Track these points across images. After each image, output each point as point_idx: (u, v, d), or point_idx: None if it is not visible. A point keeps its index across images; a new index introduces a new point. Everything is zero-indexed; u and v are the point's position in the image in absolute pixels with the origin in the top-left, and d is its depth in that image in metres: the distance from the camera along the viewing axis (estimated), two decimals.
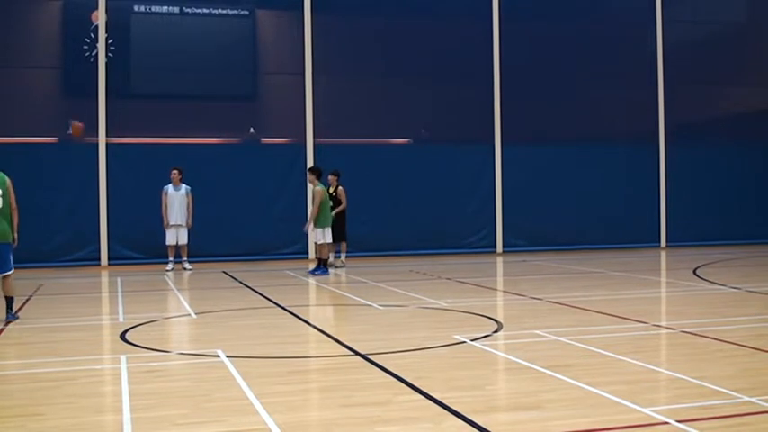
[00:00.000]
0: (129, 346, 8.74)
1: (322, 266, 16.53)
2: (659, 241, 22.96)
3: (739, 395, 6.16)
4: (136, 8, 20.53)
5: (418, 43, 21.58)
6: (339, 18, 21.31)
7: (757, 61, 24.27)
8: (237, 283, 15.49)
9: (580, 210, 21.92)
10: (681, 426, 5.41)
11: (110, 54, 19.78)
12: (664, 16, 23.15)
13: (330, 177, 17.50)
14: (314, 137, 20.66)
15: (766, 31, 24.54)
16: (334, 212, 16.98)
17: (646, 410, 5.77)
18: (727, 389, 6.34)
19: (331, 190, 17.26)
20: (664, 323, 9.95)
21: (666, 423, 5.48)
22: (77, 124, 14.09)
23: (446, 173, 21.39)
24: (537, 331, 9.17)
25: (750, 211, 23.29)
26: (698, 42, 23.63)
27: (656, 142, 23.08)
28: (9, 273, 10.55)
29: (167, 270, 17.47)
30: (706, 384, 6.52)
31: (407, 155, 22.02)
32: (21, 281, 14.61)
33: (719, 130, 23.73)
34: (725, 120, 23.88)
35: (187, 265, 17.87)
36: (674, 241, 22.85)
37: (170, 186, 17.74)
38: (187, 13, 21.05)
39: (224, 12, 21.17)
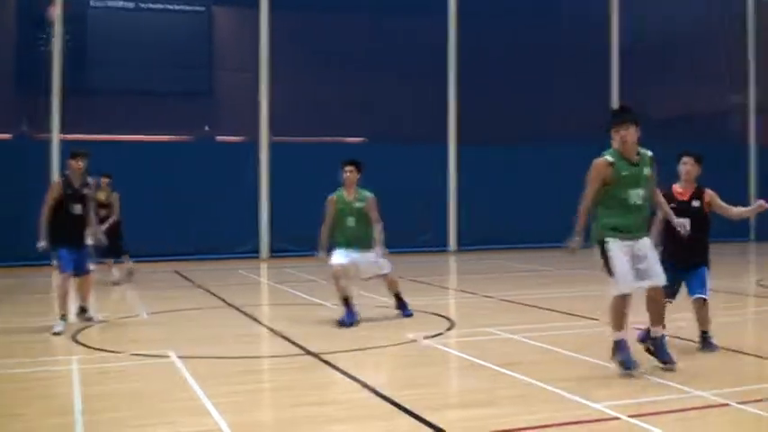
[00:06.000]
0: (81, 347, 8.64)
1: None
2: None
3: (689, 389, 6.26)
4: (92, 3, 20.29)
5: (375, 42, 21.53)
6: (295, 15, 21.19)
7: (713, 61, 24.47)
8: (189, 282, 15.36)
9: (535, 209, 21.83)
10: (631, 420, 5.49)
11: (65, 49, 19.48)
12: (620, 15, 23.36)
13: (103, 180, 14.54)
14: (269, 135, 20.57)
15: (723, 31, 24.77)
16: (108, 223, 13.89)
17: (597, 406, 5.84)
18: (677, 383, 6.44)
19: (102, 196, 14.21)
20: None
21: (617, 418, 5.55)
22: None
23: (401, 171, 21.29)
24: (489, 329, 9.23)
25: None
26: (654, 42, 23.82)
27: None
28: None
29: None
30: (656, 379, 6.61)
31: (363, 153, 21.91)
32: None
33: (675, 130, 23.87)
34: (681, 120, 24.06)
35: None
36: None
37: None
38: (143, 8, 20.86)
39: (180, 8, 21.02)
